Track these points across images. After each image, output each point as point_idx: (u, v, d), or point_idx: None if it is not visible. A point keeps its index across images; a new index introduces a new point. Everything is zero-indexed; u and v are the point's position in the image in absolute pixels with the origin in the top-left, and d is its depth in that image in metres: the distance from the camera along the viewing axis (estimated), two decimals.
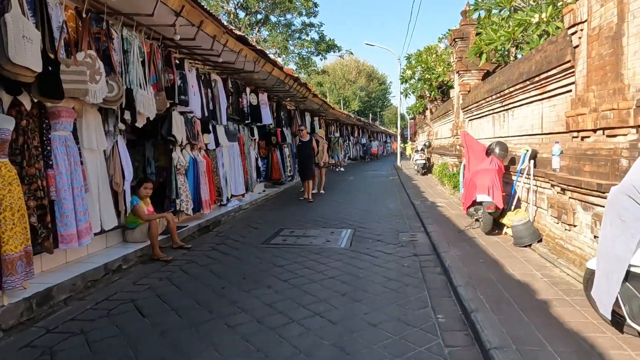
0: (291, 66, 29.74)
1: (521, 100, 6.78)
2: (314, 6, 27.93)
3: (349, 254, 5.69)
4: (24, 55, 3.46)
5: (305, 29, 29.23)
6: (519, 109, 7.06)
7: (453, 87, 13.17)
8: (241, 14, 27.68)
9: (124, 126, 5.31)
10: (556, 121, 5.61)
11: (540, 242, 5.39)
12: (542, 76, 5.71)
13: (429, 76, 17.55)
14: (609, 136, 4.03)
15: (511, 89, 6.94)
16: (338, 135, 24.49)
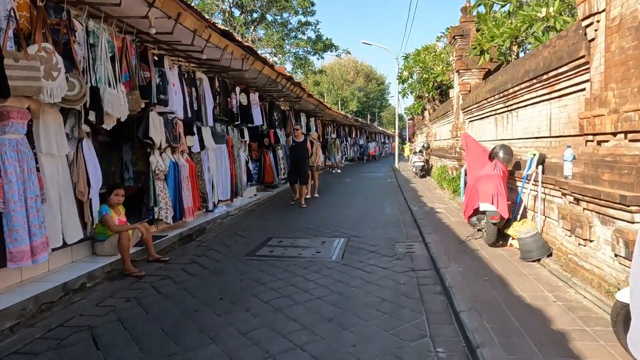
0: (288, 66, 29.24)
1: (527, 100, 6.30)
2: (311, 5, 27.40)
3: (339, 268, 5.19)
4: None
5: (302, 28, 28.69)
6: (524, 109, 6.58)
7: (452, 87, 12.68)
8: (236, 12, 27.15)
9: (88, 128, 4.80)
10: (567, 123, 5.12)
11: (550, 257, 4.89)
12: (551, 74, 5.22)
13: (427, 76, 17.06)
14: (632, 140, 3.54)
15: (516, 88, 6.45)
16: (335, 136, 23.98)
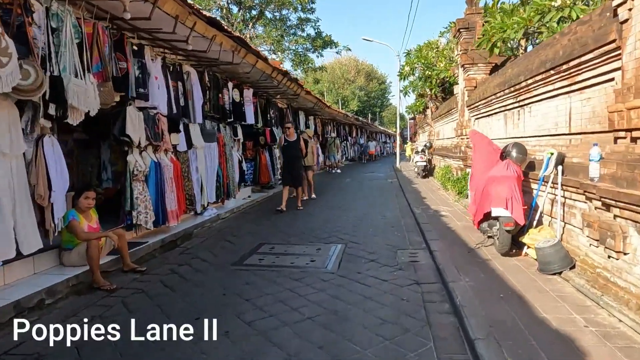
0: (287, 63, 28.64)
1: (542, 94, 5.73)
2: (310, 2, 26.81)
3: (335, 280, 4.64)
4: None
5: (301, 24, 28.06)
6: (537, 104, 6.01)
7: (457, 83, 12.10)
8: (234, 9, 26.57)
9: (50, 123, 4.25)
10: (590, 118, 4.56)
11: (573, 269, 4.33)
12: (572, 63, 4.66)
13: (429, 73, 16.49)
14: None
15: (529, 80, 5.89)
16: (335, 135, 23.41)
